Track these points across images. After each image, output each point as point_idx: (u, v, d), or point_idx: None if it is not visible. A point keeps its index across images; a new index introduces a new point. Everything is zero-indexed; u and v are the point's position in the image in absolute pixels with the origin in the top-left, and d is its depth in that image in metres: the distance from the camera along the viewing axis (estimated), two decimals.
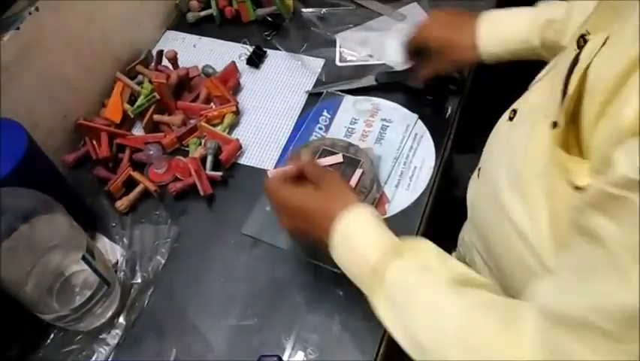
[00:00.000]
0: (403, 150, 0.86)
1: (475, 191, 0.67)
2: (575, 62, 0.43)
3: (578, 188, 0.41)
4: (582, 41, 0.46)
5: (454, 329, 0.47)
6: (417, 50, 0.84)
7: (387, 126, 0.89)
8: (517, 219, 0.52)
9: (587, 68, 0.41)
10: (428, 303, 0.51)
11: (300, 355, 0.69)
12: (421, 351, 0.50)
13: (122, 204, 0.82)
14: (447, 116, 0.91)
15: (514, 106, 0.61)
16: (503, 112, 0.65)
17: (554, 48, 0.69)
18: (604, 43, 0.41)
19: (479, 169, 0.67)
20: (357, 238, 0.58)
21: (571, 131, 0.43)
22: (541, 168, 0.48)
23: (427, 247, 0.56)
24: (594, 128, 0.39)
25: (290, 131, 0.91)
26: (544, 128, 0.48)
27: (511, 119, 0.60)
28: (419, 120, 0.89)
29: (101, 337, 0.72)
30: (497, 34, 0.75)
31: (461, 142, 0.97)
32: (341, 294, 0.73)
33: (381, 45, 1.00)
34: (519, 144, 0.54)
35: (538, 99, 0.54)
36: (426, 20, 0.83)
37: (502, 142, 0.60)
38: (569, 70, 0.43)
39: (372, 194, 0.80)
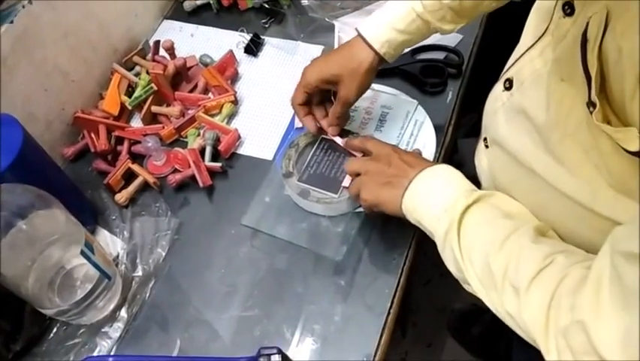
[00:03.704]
0: (403, 136, 0.85)
1: (489, 160, 0.68)
2: (584, 40, 0.44)
3: (631, 152, 0.43)
4: (568, 9, 0.48)
5: (534, 268, 0.50)
6: (314, 95, 0.79)
7: (387, 113, 0.88)
8: (553, 179, 0.54)
9: (601, 44, 0.42)
10: (514, 245, 0.54)
11: (303, 345, 0.69)
12: (494, 283, 0.53)
13: (121, 196, 0.82)
14: (447, 101, 0.90)
15: (507, 76, 0.61)
16: None
17: (437, 10, 0.70)
18: (607, 18, 0.42)
19: (485, 139, 0.68)
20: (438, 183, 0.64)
21: (604, 103, 0.44)
22: (572, 129, 0.50)
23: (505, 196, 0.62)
24: (633, 97, 0.41)
25: (289, 120, 0.90)
26: (564, 91, 0.50)
27: (508, 88, 0.61)
28: (419, 106, 0.88)
29: (103, 330, 0.73)
30: (380, 22, 0.73)
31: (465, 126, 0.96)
32: (342, 283, 0.73)
33: None
34: (534, 110, 0.55)
35: (541, 65, 0.55)
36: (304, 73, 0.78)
37: (509, 111, 0.60)
38: (582, 50, 0.44)
39: None
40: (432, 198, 0.62)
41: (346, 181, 0.78)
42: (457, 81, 0.92)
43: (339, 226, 0.78)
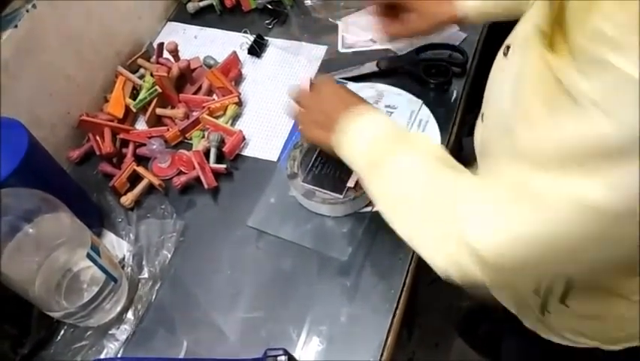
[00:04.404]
0: None
1: (482, 135, 0.67)
2: None
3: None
4: None
5: (422, 183, 0.56)
6: (390, 8, 0.81)
7: (392, 112, 0.88)
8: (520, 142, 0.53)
9: None
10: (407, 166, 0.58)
11: (309, 346, 0.69)
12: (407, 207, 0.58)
13: (127, 199, 0.82)
14: (452, 100, 0.89)
15: (507, 42, 0.60)
16: None
17: None
18: None
19: (482, 114, 0.67)
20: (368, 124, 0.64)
21: (559, 38, 0.43)
22: (539, 84, 0.48)
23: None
24: (583, 24, 0.40)
25: (293, 120, 0.90)
26: (538, 49, 0.48)
27: (505, 54, 0.60)
28: (424, 106, 0.88)
29: (110, 332, 0.73)
30: None
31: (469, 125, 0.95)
32: (348, 284, 0.73)
33: None
34: (516, 71, 0.54)
35: (529, 27, 0.53)
36: None
37: (503, 77, 0.59)
38: None
39: None
40: (359, 137, 0.63)
41: (351, 182, 0.78)
42: (461, 80, 0.92)
43: (344, 227, 0.78)
